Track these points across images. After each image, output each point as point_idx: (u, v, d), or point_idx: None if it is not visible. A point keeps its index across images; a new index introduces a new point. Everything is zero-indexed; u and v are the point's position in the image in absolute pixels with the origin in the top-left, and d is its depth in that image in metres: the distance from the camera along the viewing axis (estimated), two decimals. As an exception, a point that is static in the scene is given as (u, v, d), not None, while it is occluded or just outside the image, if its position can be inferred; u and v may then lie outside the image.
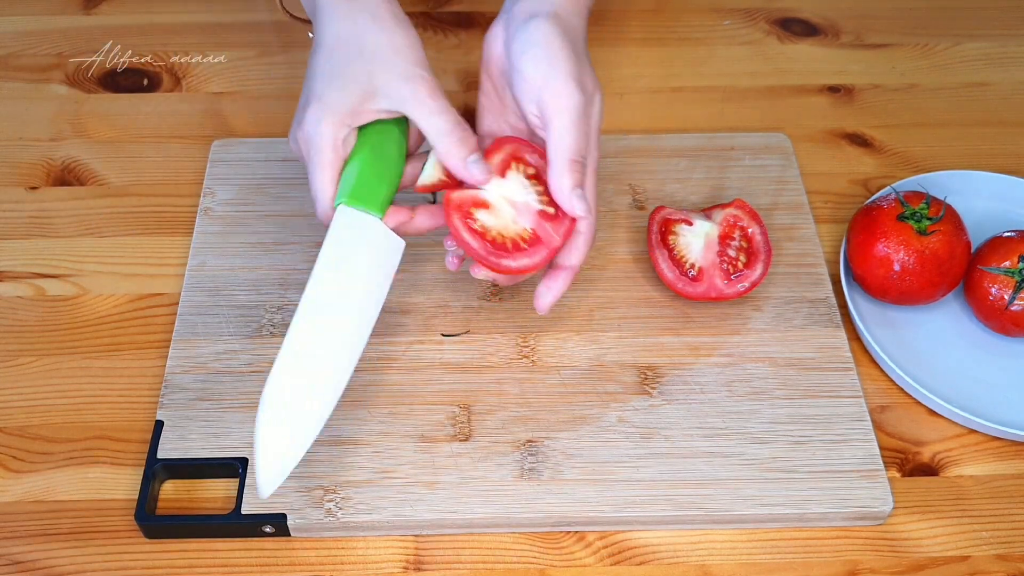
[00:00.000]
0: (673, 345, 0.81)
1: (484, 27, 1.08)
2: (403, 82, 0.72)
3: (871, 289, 0.83)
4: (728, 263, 0.81)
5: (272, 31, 1.07)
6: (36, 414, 0.78)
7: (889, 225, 0.81)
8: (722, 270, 0.81)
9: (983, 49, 1.07)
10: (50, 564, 0.71)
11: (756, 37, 1.08)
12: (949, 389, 0.79)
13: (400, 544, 0.72)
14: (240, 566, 0.71)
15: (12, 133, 0.97)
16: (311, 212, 0.88)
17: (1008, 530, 0.74)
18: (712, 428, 0.76)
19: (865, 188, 0.94)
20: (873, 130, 0.99)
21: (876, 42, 1.08)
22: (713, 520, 0.73)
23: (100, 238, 0.89)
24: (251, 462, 0.72)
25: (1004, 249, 0.81)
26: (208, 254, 0.86)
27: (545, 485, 0.73)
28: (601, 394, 0.78)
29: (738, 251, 0.82)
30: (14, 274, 0.86)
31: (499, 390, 0.78)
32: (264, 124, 0.98)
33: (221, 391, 0.77)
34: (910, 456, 0.78)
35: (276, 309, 0.82)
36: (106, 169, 0.94)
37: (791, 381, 0.79)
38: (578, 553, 0.72)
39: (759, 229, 0.82)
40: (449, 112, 0.72)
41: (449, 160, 0.72)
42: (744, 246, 0.82)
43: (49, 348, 0.82)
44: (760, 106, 1.01)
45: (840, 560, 0.72)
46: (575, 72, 0.72)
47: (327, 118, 0.71)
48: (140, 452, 0.76)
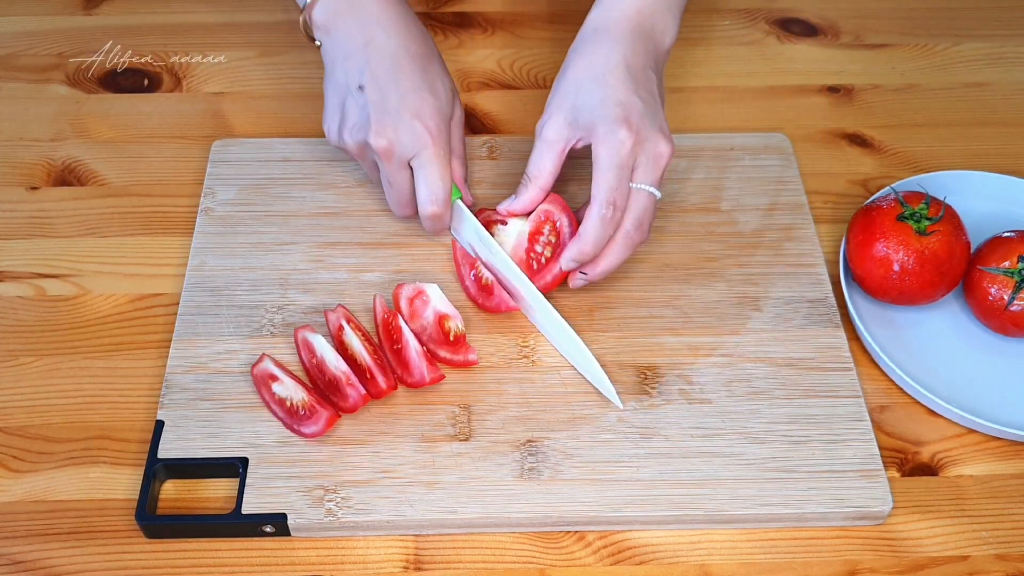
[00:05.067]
0: (673, 345, 0.81)
1: (484, 27, 1.08)
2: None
3: (871, 289, 0.83)
4: (534, 259, 0.82)
5: (272, 31, 1.07)
6: (36, 414, 0.78)
7: (888, 225, 0.81)
8: (528, 266, 0.81)
9: (983, 49, 1.07)
10: (50, 564, 0.71)
11: (756, 37, 1.08)
12: (949, 389, 0.79)
13: (400, 544, 0.73)
14: (240, 566, 0.71)
15: (12, 133, 0.97)
16: (311, 212, 0.88)
17: (1008, 530, 0.74)
18: (712, 428, 0.76)
19: (864, 188, 0.94)
20: (872, 130, 0.99)
21: (876, 42, 1.08)
22: (713, 520, 0.73)
23: (100, 238, 0.89)
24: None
25: (1004, 249, 0.81)
26: (208, 254, 0.86)
27: (545, 485, 0.73)
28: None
29: (544, 245, 0.82)
30: (14, 274, 0.86)
31: (499, 390, 0.78)
32: (264, 124, 0.98)
33: (221, 391, 0.77)
34: (910, 456, 0.78)
35: (276, 309, 0.82)
36: (106, 169, 0.94)
37: (791, 381, 0.79)
38: (578, 553, 0.72)
39: (567, 220, 0.81)
40: None
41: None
42: (552, 240, 0.81)
43: (49, 348, 0.82)
44: (760, 106, 1.01)
45: (840, 560, 0.72)
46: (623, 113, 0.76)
47: (441, 119, 0.79)
48: (140, 452, 0.76)
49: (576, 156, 0.80)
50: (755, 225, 0.88)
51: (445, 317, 0.80)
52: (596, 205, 0.76)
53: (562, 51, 1.05)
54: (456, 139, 0.84)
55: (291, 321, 0.81)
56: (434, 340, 0.79)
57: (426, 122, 0.78)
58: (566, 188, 0.89)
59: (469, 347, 0.79)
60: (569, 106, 0.78)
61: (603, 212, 0.75)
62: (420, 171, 0.79)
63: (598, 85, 0.77)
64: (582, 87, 0.78)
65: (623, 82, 0.77)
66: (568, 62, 0.80)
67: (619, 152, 0.75)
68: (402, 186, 0.81)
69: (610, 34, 0.79)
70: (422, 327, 0.80)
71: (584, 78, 0.78)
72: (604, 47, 0.78)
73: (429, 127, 0.78)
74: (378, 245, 0.86)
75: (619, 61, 0.78)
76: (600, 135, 0.76)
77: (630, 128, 0.75)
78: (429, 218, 0.81)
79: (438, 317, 0.80)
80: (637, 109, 0.76)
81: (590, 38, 0.80)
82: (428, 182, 0.79)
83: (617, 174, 0.75)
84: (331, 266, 0.85)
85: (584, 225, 0.77)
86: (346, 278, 0.84)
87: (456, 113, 0.84)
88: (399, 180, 0.81)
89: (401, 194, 0.82)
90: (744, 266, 0.86)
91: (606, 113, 0.76)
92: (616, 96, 0.76)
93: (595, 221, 0.76)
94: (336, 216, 0.88)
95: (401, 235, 0.87)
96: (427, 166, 0.79)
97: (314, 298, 0.83)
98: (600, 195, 0.76)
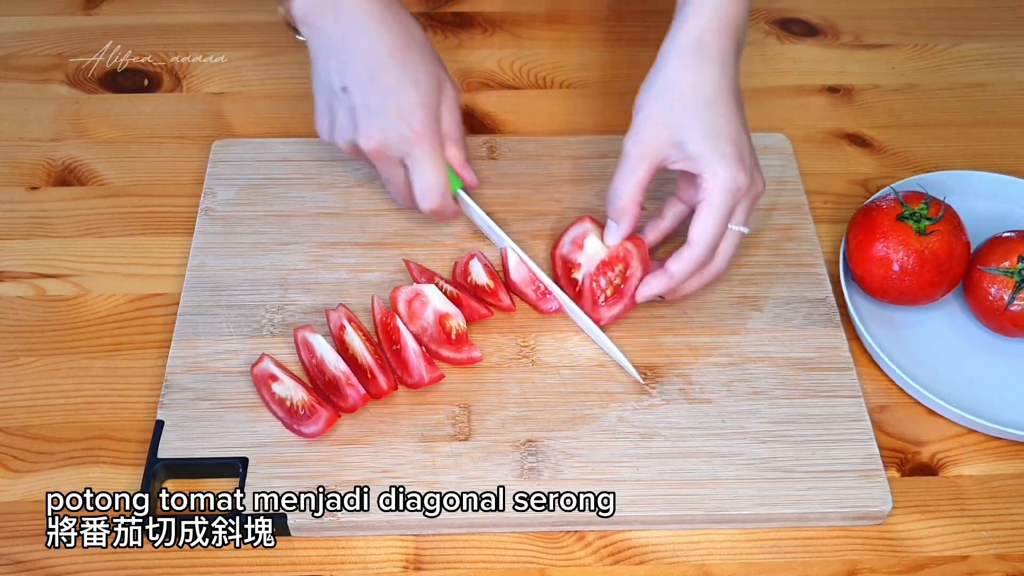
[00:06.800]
0: (673, 345, 0.81)
1: (484, 27, 1.08)
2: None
3: (870, 289, 0.83)
4: (597, 289, 0.81)
5: (272, 31, 1.07)
6: (36, 414, 0.78)
7: (888, 225, 0.81)
8: (587, 294, 0.81)
9: (983, 49, 1.07)
10: (50, 564, 0.71)
11: (756, 37, 1.08)
12: (948, 389, 0.79)
13: (400, 544, 0.73)
14: (240, 566, 0.71)
15: (12, 133, 0.97)
16: (311, 212, 0.88)
17: (1008, 530, 0.74)
18: (712, 428, 0.76)
19: (864, 188, 0.94)
20: (872, 130, 0.99)
21: (875, 42, 1.08)
22: (713, 520, 0.73)
23: (100, 238, 0.89)
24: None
25: (1003, 249, 0.81)
26: (208, 254, 0.86)
27: (545, 485, 0.73)
28: (601, 394, 0.78)
29: (608, 283, 0.81)
30: (14, 274, 0.86)
31: (499, 390, 0.78)
32: (264, 124, 0.98)
33: (221, 391, 0.77)
34: (909, 456, 0.78)
35: (276, 309, 0.82)
36: (106, 169, 0.94)
37: (790, 381, 0.79)
38: (578, 553, 0.72)
39: (640, 271, 0.80)
40: None
41: None
42: (616, 282, 0.81)
43: (49, 348, 0.82)
44: (760, 106, 1.01)
45: (839, 560, 0.72)
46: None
47: (427, 113, 0.77)
48: (140, 452, 0.76)
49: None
50: (755, 225, 0.88)
51: (446, 316, 0.80)
52: (698, 247, 0.75)
53: (562, 51, 1.06)
54: (450, 123, 0.81)
55: (291, 321, 0.81)
56: (435, 340, 0.79)
57: (410, 121, 0.77)
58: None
59: (472, 344, 0.79)
60: (674, 125, 0.75)
61: (701, 256, 0.75)
62: (413, 171, 0.79)
63: (710, 112, 0.75)
64: (690, 109, 0.75)
65: (734, 112, 0.75)
66: (668, 73, 0.76)
67: (734, 197, 0.74)
68: (399, 182, 0.81)
69: (715, 51, 0.75)
70: (422, 328, 0.80)
71: (692, 99, 0.75)
72: (712, 66, 0.75)
73: (414, 126, 0.78)
74: (378, 245, 0.87)
75: (727, 86, 0.75)
76: (716, 175, 0.74)
77: (744, 171, 0.74)
78: (429, 214, 0.81)
79: (438, 317, 0.80)
80: (748, 148, 0.76)
81: (693, 50, 0.76)
82: (421, 181, 0.79)
83: (725, 220, 0.75)
84: (331, 266, 0.85)
85: (679, 264, 0.76)
86: (346, 278, 0.84)
87: (447, 96, 0.81)
88: (395, 177, 0.81)
89: (399, 189, 0.82)
90: (744, 266, 0.86)
91: (722, 151, 0.74)
92: (730, 131, 0.74)
93: (691, 263, 0.75)
94: (336, 216, 0.88)
95: (401, 235, 0.87)
96: (418, 165, 0.79)
97: (314, 298, 0.83)
98: (705, 239, 0.75)
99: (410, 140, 0.78)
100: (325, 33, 0.79)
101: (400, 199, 0.83)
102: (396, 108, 0.77)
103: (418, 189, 0.79)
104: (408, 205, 0.84)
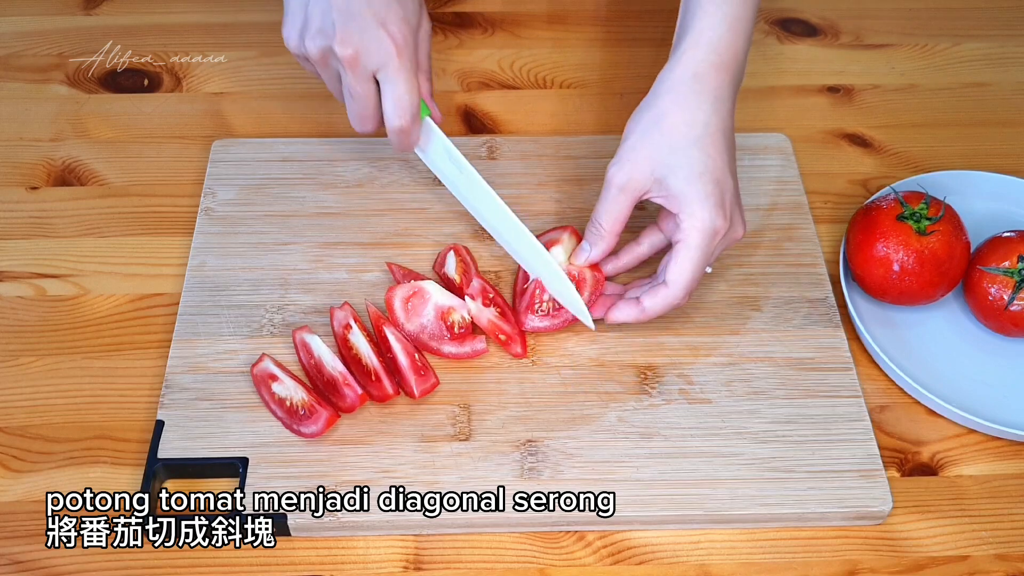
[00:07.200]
0: (673, 345, 0.81)
1: (484, 27, 1.08)
2: None
3: (870, 289, 0.83)
4: (540, 300, 0.81)
5: (272, 31, 1.06)
6: (36, 414, 0.78)
7: (888, 225, 0.81)
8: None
9: (983, 49, 1.07)
10: (50, 564, 0.71)
11: (756, 37, 1.07)
12: (948, 389, 0.79)
13: (400, 544, 0.73)
14: (240, 566, 0.71)
15: (12, 133, 0.97)
16: (311, 212, 0.88)
17: (1008, 530, 0.74)
18: (711, 428, 0.76)
19: (864, 188, 0.94)
20: (872, 130, 0.99)
21: (875, 42, 1.08)
22: (713, 520, 0.73)
23: (100, 238, 0.89)
24: None
25: (1004, 249, 0.81)
26: (208, 254, 0.86)
27: (545, 485, 0.73)
28: (601, 394, 0.78)
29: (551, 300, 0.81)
30: (14, 274, 0.86)
31: (499, 390, 0.78)
32: (264, 124, 0.98)
33: (221, 391, 0.77)
34: (909, 456, 0.78)
35: (276, 309, 0.82)
36: (106, 169, 0.94)
37: (790, 381, 0.79)
38: (578, 553, 0.72)
39: (598, 277, 0.81)
40: None
41: None
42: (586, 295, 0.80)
43: (49, 348, 0.82)
44: (760, 106, 1.01)
45: (839, 560, 0.72)
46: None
47: (408, 30, 0.75)
48: (140, 452, 0.76)
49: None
50: (755, 225, 0.88)
51: (450, 310, 0.79)
52: (674, 290, 0.75)
53: (562, 51, 1.06)
54: (423, 53, 0.80)
55: (291, 321, 0.81)
56: (436, 337, 0.79)
57: (392, 32, 0.75)
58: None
59: (475, 336, 0.79)
60: (659, 161, 0.74)
61: (679, 300, 0.75)
62: (386, 84, 0.76)
63: (696, 151, 0.74)
64: (677, 146, 0.74)
65: (721, 153, 0.74)
66: (659, 105, 0.75)
67: (711, 242, 0.74)
68: (365, 99, 0.78)
69: (710, 87, 0.75)
70: (421, 326, 0.79)
71: (681, 136, 0.74)
72: (705, 104, 0.74)
73: (395, 37, 0.75)
74: (378, 245, 0.87)
75: (719, 125, 0.75)
76: (694, 216, 0.74)
77: (723, 215, 0.74)
78: (396, 132, 0.78)
79: (440, 312, 0.79)
80: (731, 191, 0.75)
81: (687, 84, 0.75)
82: (395, 96, 0.76)
83: (702, 263, 0.75)
84: (331, 266, 0.85)
85: (653, 301, 0.76)
86: (346, 278, 0.84)
87: (424, 25, 0.80)
88: (363, 92, 0.77)
89: (364, 107, 0.78)
90: (744, 266, 0.86)
91: (704, 191, 0.73)
92: (715, 172, 0.74)
93: (665, 303, 0.76)
94: (336, 216, 0.88)
95: (401, 235, 0.87)
96: (394, 79, 0.76)
97: (314, 298, 0.83)
98: (681, 282, 0.75)
99: (391, 52, 0.75)
100: None
101: (360, 120, 0.79)
102: (379, 18, 0.75)
103: (389, 104, 0.76)
104: (366, 128, 0.80)
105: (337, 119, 0.98)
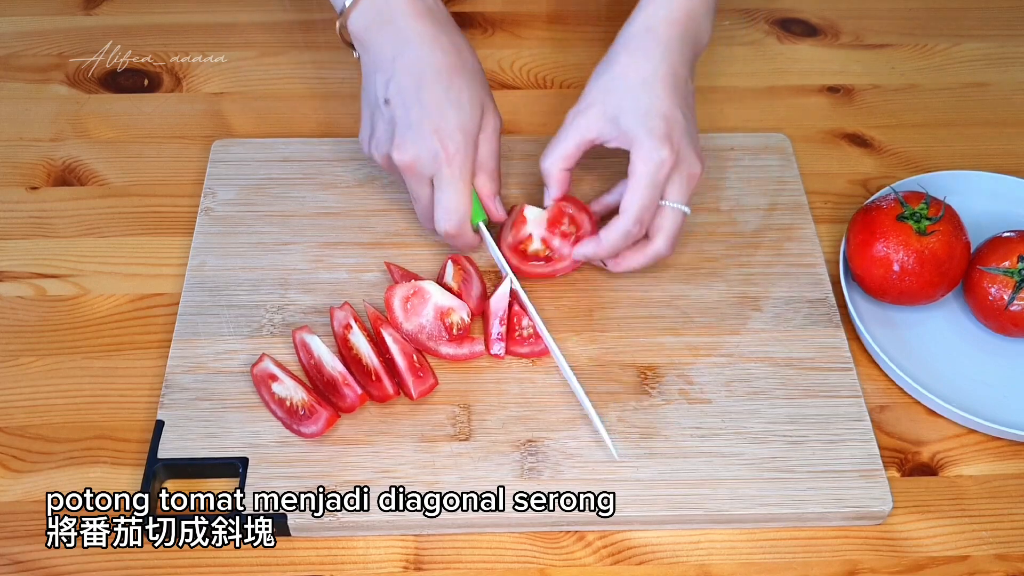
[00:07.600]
0: (673, 345, 0.81)
1: (484, 27, 1.08)
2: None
3: (871, 289, 0.83)
4: (552, 247, 0.84)
5: (272, 31, 1.07)
6: (36, 414, 0.78)
7: (888, 225, 0.81)
8: (545, 255, 0.84)
9: (983, 49, 1.07)
10: (50, 564, 0.71)
11: (756, 37, 1.08)
12: (948, 389, 0.79)
13: (400, 544, 0.73)
14: (240, 566, 0.71)
15: (12, 133, 0.97)
16: (311, 212, 0.88)
17: (1008, 530, 0.74)
18: (711, 428, 0.76)
19: (865, 188, 0.94)
20: (873, 130, 0.99)
21: (875, 42, 1.08)
22: (712, 520, 0.73)
23: (100, 238, 0.89)
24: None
25: (1004, 249, 0.81)
26: (208, 254, 0.86)
27: (545, 485, 0.73)
28: (601, 394, 0.78)
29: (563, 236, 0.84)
30: (14, 274, 0.86)
31: (499, 390, 0.78)
32: (264, 124, 0.98)
33: (221, 391, 0.77)
34: (909, 456, 0.78)
35: (276, 309, 0.82)
36: (106, 169, 0.94)
37: (790, 381, 0.79)
38: (578, 553, 0.72)
39: (587, 217, 0.84)
40: None
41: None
42: (572, 231, 0.83)
43: (49, 348, 0.82)
44: (760, 106, 1.01)
45: (839, 560, 0.72)
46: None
47: (463, 136, 0.78)
48: (140, 452, 0.76)
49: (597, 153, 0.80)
50: (755, 225, 0.88)
51: (449, 311, 0.79)
52: (625, 218, 0.77)
53: (562, 51, 1.06)
54: (487, 153, 0.81)
55: (291, 321, 0.81)
56: (434, 338, 0.79)
57: (444, 140, 0.77)
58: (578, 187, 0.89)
59: (473, 338, 0.79)
60: (612, 103, 0.78)
61: (629, 228, 0.77)
62: (438, 192, 0.79)
63: (645, 91, 0.77)
64: (628, 88, 0.78)
65: (669, 93, 0.77)
66: (614, 56, 0.80)
67: (658, 171, 0.76)
68: (426, 201, 0.81)
69: (661, 36, 0.79)
70: (420, 326, 0.79)
71: (632, 79, 0.78)
72: (655, 50, 0.78)
73: (447, 146, 0.77)
74: (378, 245, 0.87)
75: (668, 69, 0.78)
76: (641, 148, 0.76)
77: (671, 147, 0.76)
78: (445, 237, 0.81)
79: (439, 312, 0.79)
80: (680, 125, 0.77)
81: (640, 36, 0.79)
82: (443, 204, 0.79)
83: (652, 193, 0.76)
84: (331, 266, 0.85)
85: (608, 233, 0.78)
86: (346, 278, 0.84)
87: (489, 125, 0.81)
88: (422, 195, 0.81)
89: (425, 209, 0.82)
90: (744, 266, 0.86)
91: (651, 126, 0.76)
92: (662, 108, 0.77)
93: (620, 233, 0.77)
94: (336, 216, 0.88)
95: (401, 235, 0.87)
96: (444, 187, 0.79)
97: (314, 298, 0.83)
98: (631, 210, 0.76)
99: (441, 159, 0.78)
100: (378, 48, 0.80)
101: (423, 219, 0.83)
102: (433, 126, 0.77)
103: (439, 211, 0.79)
104: (429, 227, 0.83)
105: (337, 119, 0.98)
